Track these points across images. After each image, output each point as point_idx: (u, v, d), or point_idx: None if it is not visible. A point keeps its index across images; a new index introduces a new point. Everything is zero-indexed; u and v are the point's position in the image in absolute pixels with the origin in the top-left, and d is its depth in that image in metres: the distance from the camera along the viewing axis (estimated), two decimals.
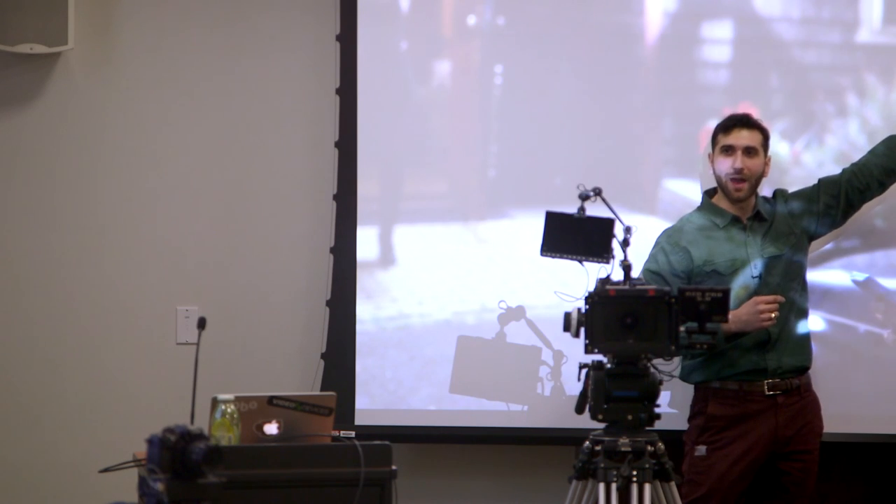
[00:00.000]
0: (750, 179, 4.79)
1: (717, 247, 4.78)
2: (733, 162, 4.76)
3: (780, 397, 4.76)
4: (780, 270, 4.79)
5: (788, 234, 4.83)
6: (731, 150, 4.77)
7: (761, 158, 4.82)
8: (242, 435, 3.63)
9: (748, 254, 4.77)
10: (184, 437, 2.90)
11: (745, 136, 4.79)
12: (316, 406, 3.72)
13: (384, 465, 3.63)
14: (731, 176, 4.77)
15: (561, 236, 4.26)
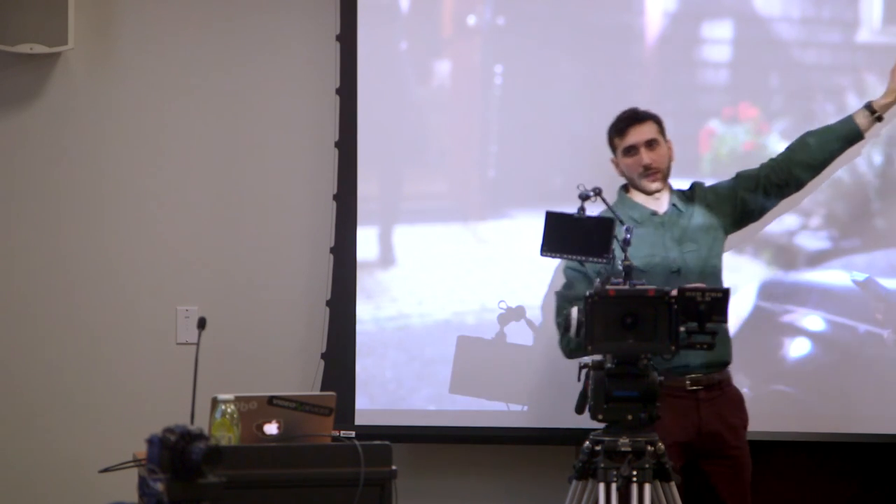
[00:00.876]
0: (661, 170, 4.69)
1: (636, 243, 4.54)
2: (639, 160, 4.65)
3: (701, 392, 4.62)
4: (699, 265, 4.67)
5: (707, 228, 4.71)
6: (633, 149, 4.67)
7: (664, 146, 4.72)
8: (242, 435, 3.63)
9: (666, 249, 4.65)
10: (184, 437, 2.90)
11: (642, 131, 4.68)
12: (316, 406, 3.72)
13: (384, 465, 3.63)
14: (643, 174, 4.66)
15: (561, 236, 4.26)
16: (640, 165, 4.64)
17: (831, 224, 5.37)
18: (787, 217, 5.36)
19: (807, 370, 5.33)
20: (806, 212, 5.37)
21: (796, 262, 5.38)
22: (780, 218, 5.36)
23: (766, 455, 5.47)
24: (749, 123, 5.37)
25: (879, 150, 5.35)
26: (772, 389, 5.34)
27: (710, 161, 5.38)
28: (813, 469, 5.47)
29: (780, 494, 5.48)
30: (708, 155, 5.39)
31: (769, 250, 5.37)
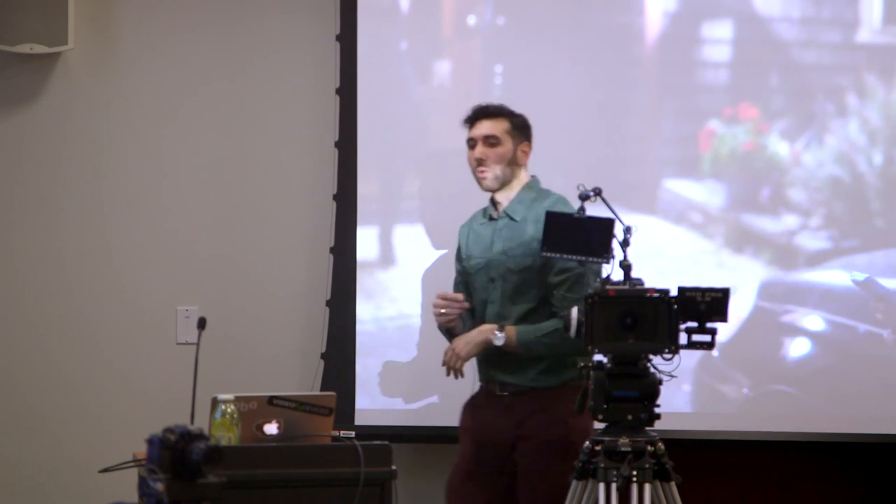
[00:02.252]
0: (493, 168, 4.47)
1: (476, 242, 4.53)
2: (473, 153, 4.49)
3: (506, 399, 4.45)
4: (514, 284, 4.43)
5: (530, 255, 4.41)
6: (472, 142, 4.51)
7: (507, 146, 4.50)
8: (242, 435, 3.63)
9: (490, 255, 4.49)
10: (184, 437, 2.90)
11: (485, 126, 4.49)
12: (316, 406, 3.72)
13: (384, 465, 3.63)
14: (475, 168, 4.49)
15: (561, 236, 4.25)
16: (473, 159, 4.49)
17: (831, 224, 5.37)
18: (787, 217, 5.36)
19: (807, 370, 5.33)
20: (806, 212, 5.37)
21: (796, 262, 5.38)
22: (780, 218, 5.36)
23: (766, 455, 5.47)
24: (749, 123, 5.37)
25: (879, 150, 5.35)
26: (772, 389, 5.34)
27: (710, 161, 5.39)
28: (813, 469, 5.47)
29: (780, 494, 5.49)
30: (708, 155, 5.39)
31: (769, 250, 5.37)
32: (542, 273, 4.40)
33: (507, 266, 4.43)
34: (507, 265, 4.43)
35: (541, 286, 4.42)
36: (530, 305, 4.41)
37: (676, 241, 5.38)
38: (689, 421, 5.31)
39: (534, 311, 4.41)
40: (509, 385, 4.45)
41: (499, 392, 4.46)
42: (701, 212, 5.39)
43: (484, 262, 4.48)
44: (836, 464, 5.45)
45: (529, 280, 4.41)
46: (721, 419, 5.38)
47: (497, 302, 4.44)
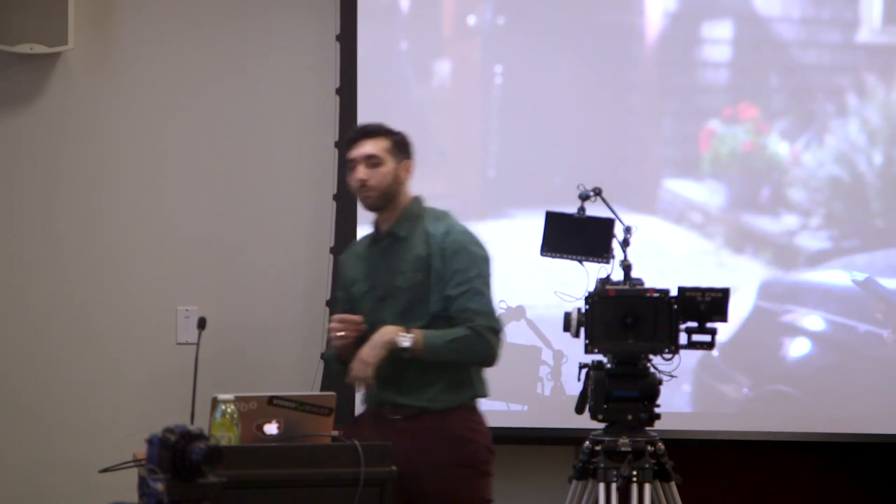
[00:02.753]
0: (377, 189, 4.30)
1: (361, 267, 4.41)
2: (355, 174, 4.31)
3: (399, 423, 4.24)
4: (405, 301, 4.28)
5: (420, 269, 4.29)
6: (353, 163, 4.33)
7: (389, 166, 4.30)
8: (242, 435, 3.63)
9: (377, 276, 4.34)
10: (184, 437, 2.90)
11: (365, 147, 4.31)
12: (316, 406, 3.72)
13: (384, 465, 3.63)
14: (358, 189, 4.33)
15: (561, 236, 4.26)
16: (355, 180, 4.32)
17: (831, 224, 5.37)
18: (787, 217, 5.36)
19: (807, 370, 5.33)
20: (806, 212, 5.37)
21: (796, 262, 5.38)
22: (780, 218, 5.36)
23: (766, 455, 5.47)
24: (749, 123, 5.37)
25: (879, 150, 5.35)
26: (772, 389, 5.34)
27: (710, 161, 5.39)
28: (813, 469, 5.47)
29: (780, 494, 5.49)
30: (708, 155, 5.39)
31: (769, 250, 5.37)
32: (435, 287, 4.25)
33: (395, 284, 4.28)
34: (397, 283, 4.27)
35: (434, 301, 4.25)
36: (422, 323, 4.22)
37: (676, 241, 5.38)
38: (689, 421, 5.31)
39: (426, 328, 4.21)
40: (403, 407, 4.22)
41: (391, 415, 4.23)
42: (701, 212, 5.40)
43: (370, 285, 4.34)
44: (836, 464, 5.45)
45: (420, 297, 4.26)
46: (721, 419, 5.38)
47: (388, 321, 4.22)
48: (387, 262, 4.33)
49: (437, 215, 4.38)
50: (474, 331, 4.17)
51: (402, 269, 4.29)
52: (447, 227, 4.32)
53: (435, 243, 4.28)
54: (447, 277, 4.24)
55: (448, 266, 4.25)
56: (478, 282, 4.25)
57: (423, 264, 4.26)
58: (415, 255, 4.28)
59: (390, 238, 4.34)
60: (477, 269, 4.26)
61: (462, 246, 4.28)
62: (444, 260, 4.25)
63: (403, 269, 4.28)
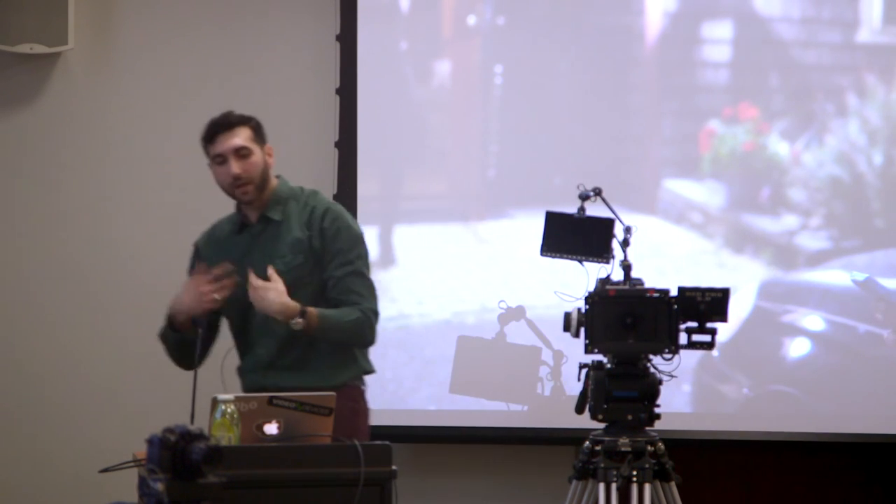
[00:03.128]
0: (253, 180, 4.23)
1: (228, 253, 4.25)
2: (229, 170, 4.22)
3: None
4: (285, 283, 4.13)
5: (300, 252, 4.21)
6: (222, 158, 4.24)
7: (257, 154, 4.28)
8: (242, 435, 3.63)
9: (250, 261, 4.19)
10: (184, 437, 2.90)
11: (232, 139, 4.25)
12: (316, 406, 3.72)
13: (384, 465, 3.63)
14: (233, 184, 4.22)
15: (561, 236, 4.26)
16: (229, 176, 4.21)
17: (831, 224, 5.37)
18: (787, 217, 5.36)
19: (807, 370, 5.33)
20: (806, 212, 5.37)
21: (796, 262, 5.38)
22: (780, 218, 5.36)
23: (766, 455, 5.47)
24: (749, 123, 5.37)
25: (879, 150, 5.35)
26: (772, 389, 5.34)
27: (710, 161, 5.39)
28: (813, 469, 5.47)
29: (779, 494, 5.49)
30: (708, 155, 5.39)
31: (769, 250, 5.37)
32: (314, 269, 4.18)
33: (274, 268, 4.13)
34: (276, 267, 4.13)
35: (313, 283, 4.17)
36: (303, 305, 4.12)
37: (676, 241, 5.38)
38: (689, 421, 5.31)
39: None
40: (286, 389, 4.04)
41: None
42: (701, 212, 5.40)
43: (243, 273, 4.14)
44: (836, 464, 5.45)
45: (300, 279, 4.16)
46: (721, 419, 5.38)
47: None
48: (261, 247, 4.22)
49: (308, 194, 4.33)
50: (363, 313, 4.13)
51: (280, 253, 4.19)
52: (324, 206, 4.28)
53: (314, 223, 4.23)
54: (328, 258, 4.18)
55: (329, 246, 4.19)
56: (359, 263, 4.21)
57: (303, 246, 4.19)
58: (293, 237, 4.21)
59: (263, 223, 4.24)
60: (357, 250, 4.22)
61: (343, 225, 4.24)
62: (324, 240, 4.20)
63: (283, 254, 4.19)
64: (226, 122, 4.29)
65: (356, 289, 4.18)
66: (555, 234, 4.27)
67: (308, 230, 4.22)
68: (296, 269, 4.17)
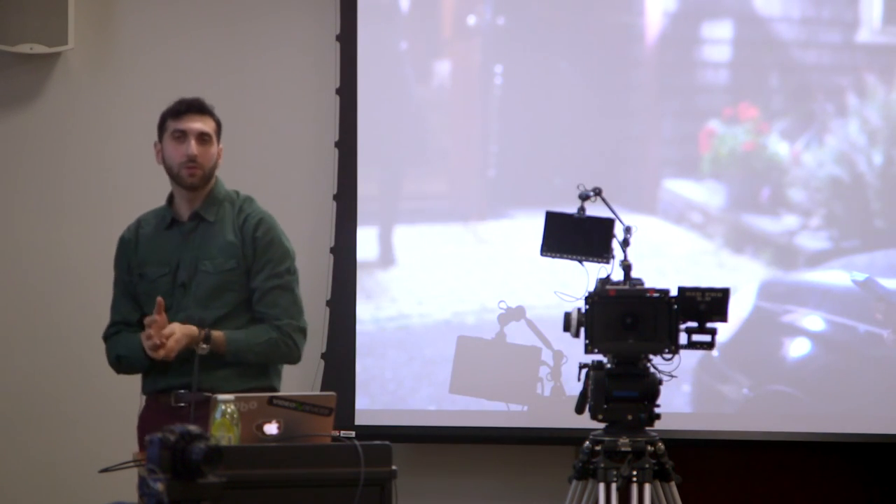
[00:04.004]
0: (203, 168, 4.20)
1: (156, 248, 4.22)
2: (186, 148, 4.19)
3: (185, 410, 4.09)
4: (210, 287, 4.14)
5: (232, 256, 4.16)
6: (183, 135, 4.21)
7: (215, 146, 4.25)
8: (242, 435, 3.63)
9: (179, 259, 4.17)
10: (184, 437, 2.90)
11: (198, 122, 4.22)
12: (316, 406, 3.72)
13: (384, 465, 3.63)
14: (186, 164, 4.19)
15: (561, 236, 4.26)
16: (185, 154, 4.18)
17: (831, 224, 5.37)
18: (787, 217, 5.36)
19: (807, 370, 5.33)
20: (806, 212, 5.37)
21: (796, 262, 5.38)
22: (780, 218, 5.36)
23: (766, 455, 5.47)
24: (749, 123, 5.38)
25: (879, 150, 5.35)
26: (772, 389, 5.34)
27: (710, 161, 5.39)
28: (813, 469, 5.47)
29: (780, 494, 5.49)
30: (708, 155, 5.39)
31: (769, 250, 5.37)
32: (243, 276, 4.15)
33: (202, 269, 4.13)
34: (204, 268, 4.13)
35: (240, 290, 4.14)
36: (225, 310, 4.12)
37: (676, 241, 5.38)
38: (689, 421, 5.31)
39: (228, 315, 4.13)
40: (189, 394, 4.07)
41: (174, 403, 4.10)
42: (701, 212, 5.40)
43: (169, 269, 4.16)
44: (836, 464, 5.45)
45: (228, 283, 4.14)
46: (721, 419, 5.38)
47: (190, 307, 4.10)
48: (191, 246, 4.17)
49: (243, 199, 4.30)
50: (281, 332, 4.10)
51: (210, 254, 4.15)
52: (258, 215, 4.24)
53: (247, 231, 4.19)
54: (257, 268, 4.16)
55: (259, 256, 4.16)
56: (288, 278, 4.18)
57: (236, 251, 4.15)
58: (226, 241, 4.17)
59: (195, 221, 4.20)
60: (286, 264, 4.19)
61: (275, 237, 4.21)
62: (255, 249, 4.17)
63: (213, 255, 4.15)
64: (199, 105, 4.25)
65: (281, 303, 4.15)
66: (555, 234, 4.27)
67: (241, 236, 4.18)
68: (225, 273, 4.13)
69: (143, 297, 4.19)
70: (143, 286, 4.21)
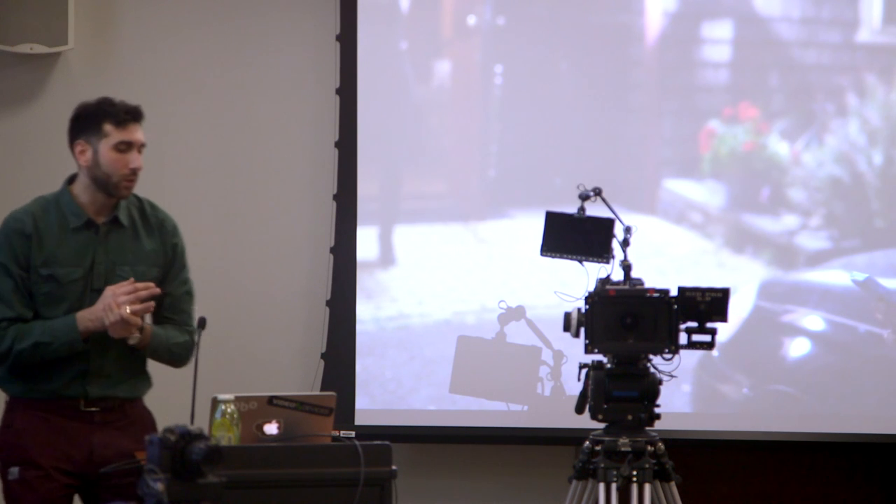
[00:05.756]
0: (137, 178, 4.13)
1: (65, 249, 4.02)
2: (131, 161, 4.09)
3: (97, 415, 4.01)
4: None
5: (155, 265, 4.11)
6: (129, 146, 4.10)
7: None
8: (242, 435, 3.63)
9: (94, 264, 4.02)
10: (184, 437, 2.90)
11: (140, 133, 4.15)
12: (316, 406, 3.72)
13: (384, 465, 3.63)
14: (128, 176, 4.08)
15: (561, 236, 4.26)
16: (127, 167, 4.07)
17: (831, 224, 5.37)
18: (787, 217, 5.36)
19: (807, 370, 5.33)
20: (806, 212, 5.37)
21: (796, 262, 5.38)
22: (780, 218, 5.36)
23: (766, 455, 5.47)
24: (749, 123, 5.37)
25: (879, 150, 5.35)
26: (772, 389, 5.34)
27: (710, 161, 5.39)
28: (813, 469, 5.47)
29: (780, 494, 5.49)
30: (708, 155, 5.39)
31: (769, 250, 5.37)
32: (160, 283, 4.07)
33: (120, 275, 4.01)
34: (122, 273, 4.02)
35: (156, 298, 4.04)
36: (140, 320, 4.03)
37: (676, 241, 5.38)
38: (689, 421, 5.31)
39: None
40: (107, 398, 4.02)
41: (84, 407, 3.98)
42: (701, 212, 5.40)
43: (83, 272, 4.01)
44: (837, 464, 5.45)
45: None
46: (721, 419, 5.38)
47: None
48: (109, 250, 4.05)
49: (146, 202, 4.23)
50: (190, 336, 4.10)
51: (127, 260, 4.05)
52: (172, 221, 4.22)
53: (166, 237, 4.17)
54: (173, 274, 4.15)
55: (174, 262, 4.16)
56: (190, 283, 4.21)
57: (157, 259, 4.11)
58: (146, 248, 4.11)
59: (110, 225, 4.08)
60: (187, 269, 4.22)
61: (182, 242, 4.21)
62: (174, 256, 4.16)
63: (134, 263, 4.06)
64: (139, 114, 4.16)
65: (187, 309, 4.15)
66: (555, 234, 4.27)
67: (160, 243, 4.15)
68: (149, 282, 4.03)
69: (44, 297, 3.99)
70: (48, 287, 3.99)
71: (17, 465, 3.95)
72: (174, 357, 4.14)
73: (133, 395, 4.13)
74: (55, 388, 3.98)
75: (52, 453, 3.95)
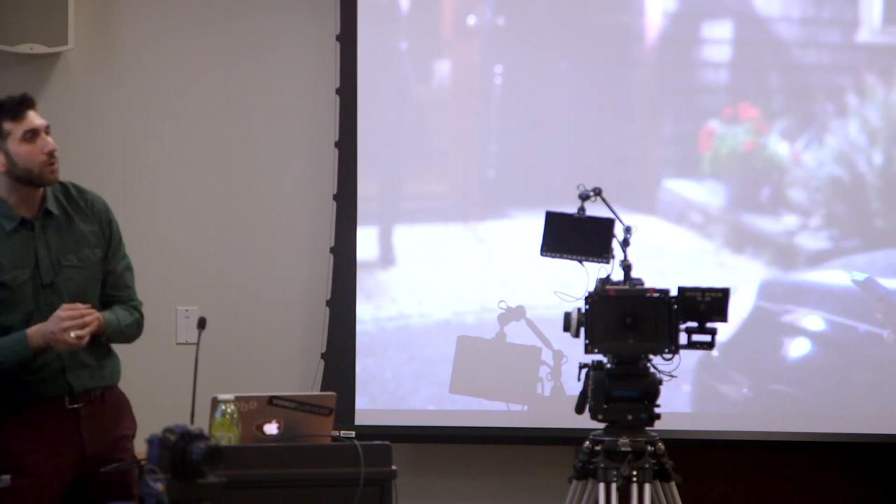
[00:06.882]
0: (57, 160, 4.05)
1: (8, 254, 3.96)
2: (44, 145, 4.00)
3: (82, 410, 4.01)
4: (81, 281, 4.03)
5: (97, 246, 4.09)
6: (35, 133, 3.98)
7: None
8: (242, 435, 3.63)
9: (38, 260, 3.98)
10: (184, 437, 2.90)
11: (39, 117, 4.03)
12: (316, 406, 3.72)
13: (384, 465, 3.63)
14: (48, 161, 4.00)
15: (561, 236, 4.26)
16: (44, 152, 3.99)
17: (831, 224, 5.37)
18: (787, 217, 5.36)
19: (807, 370, 5.33)
20: (806, 212, 5.37)
21: (796, 262, 5.38)
22: (780, 218, 5.36)
23: (766, 455, 5.47)
24: (749, 123, 5.38)
25: (879, 150, 5.35)
26: (772, 389, 5.34)
27: (710, 161, 5.39)
28: (813, 469, 5.47)
29: (780, 494, 5.49)
30: (708, 155, 5.39)
31: (769, 250, 5.37)
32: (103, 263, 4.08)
33: (66, 265, 4.00)
34: (68, 263, 4.00)
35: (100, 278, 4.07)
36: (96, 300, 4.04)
37: (676, 241, 5.38)
38: (689, 421, 5.31)
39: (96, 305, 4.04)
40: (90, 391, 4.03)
41: (69, 405, 4.00)
42: (701, 212, 5.40)
43: (30, 272, 3.97)
44: (836, 464, 5.45)
45: (94, 275, 4.05)
46: (721, 419, 5.38)
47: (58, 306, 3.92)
48: (48, 244, 4.01)
49: (70, 185, 4.17)
50: (138, 311, 4.15)
51: (69, 248, 4.02)
52: (101, 199, 4.18)
53: (101, 217, 4.13)
54: (112, 252, 4.12)
55: (113, 240, 4.13)
56: (129, 257, 4.20)
57: (98, 240, 4.08)
58: (84, 231, 4.07)
59: (45, 219, 4.03)
60: (124, 244, 4.19)
61: (116, 219, 4.17)
62: (111, 233, 4.13)
63: (76, 249, 4.03)
64: (30, 100, 4.03)
65: (130, 284, 4.19)
66: (555, 234, 4.27)
67: (97, 224, 4.11)
68: (95, 265, 4.05)
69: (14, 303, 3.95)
70: (1, 295, 3.95)
71: (8, 474, 3.94)
72: (128, 338, 4.18)
73: (112, 382, 4.14)
74: (39, 391, 3.98)
75: (45, 460, 3.95)
